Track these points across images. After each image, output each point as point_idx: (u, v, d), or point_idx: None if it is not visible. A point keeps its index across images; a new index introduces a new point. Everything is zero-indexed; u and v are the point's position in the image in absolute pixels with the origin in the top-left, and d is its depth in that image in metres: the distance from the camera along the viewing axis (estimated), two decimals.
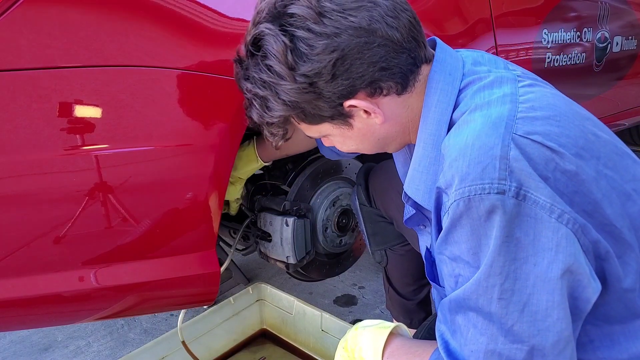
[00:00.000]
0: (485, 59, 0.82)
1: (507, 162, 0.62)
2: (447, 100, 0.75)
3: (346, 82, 0.71)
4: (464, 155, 0.65)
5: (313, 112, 0.74)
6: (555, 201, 0.62)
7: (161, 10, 0.89)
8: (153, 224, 0.95)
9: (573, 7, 1.82)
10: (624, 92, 2.20)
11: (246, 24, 0.96)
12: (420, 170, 0.78)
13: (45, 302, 0.92)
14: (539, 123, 0.67)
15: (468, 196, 0.63)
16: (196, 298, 1.13)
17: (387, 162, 1.26)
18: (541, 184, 0.62)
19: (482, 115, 0.68)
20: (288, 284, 1.96)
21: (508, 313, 0.64)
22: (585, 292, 0.65)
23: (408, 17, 0.73)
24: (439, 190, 0.69)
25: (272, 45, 0.69)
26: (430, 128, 0.76)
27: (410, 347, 0.80)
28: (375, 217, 1.25)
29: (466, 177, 0.63)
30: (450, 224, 0.66)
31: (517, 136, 0.64)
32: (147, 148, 0.90)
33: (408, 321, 1.37)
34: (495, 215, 0.62)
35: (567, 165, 0.65)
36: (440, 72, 0.76)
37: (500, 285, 0.63)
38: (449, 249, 0.68)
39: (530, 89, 0.73)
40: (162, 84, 0.90)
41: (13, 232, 0.85)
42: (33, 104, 0.81)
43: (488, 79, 0.75)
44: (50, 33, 0.81)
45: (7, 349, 1.68)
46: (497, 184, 0.62)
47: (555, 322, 0.63)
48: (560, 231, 0.62)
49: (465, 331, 0.68)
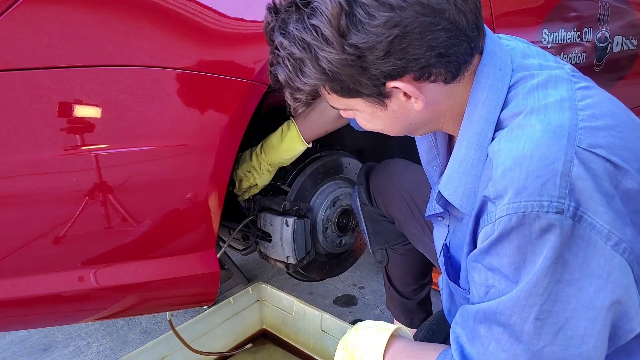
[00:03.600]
0: (533, 52, 0.76)
1: (568, 179, 0.58)
2: (497, 97, 0.70)
3: (399, 62, 0.63)
4: (521, 166, 0.60)
5: (351, 86, 0.67)
6: (614, 227, 0.59)
7: (161, 10, 0.89)
8: (153, 224, 0.94)
9: (573, 7, 1.82)
10: (625, 92, 2.20)
11: (246, 24, 0.97)
12: (461, 172, 0.73)
13: (45, 302, 0.92)
14: (602, 135, 0.62)
15: (523, 212, 0.59)
16: (196, 298, 1.13)
17: (389, 162, 1.26)
18: (602, 208, 0.59)
19: (540, 121, 0.63)
20: (288, 284, 1.95)
21: (541, 334, 0.62)
22: (630, 323, 0.62)
23: (474, 1, 0.66)
24: (486, 198, 0.64)
25: (325, 4, 0.61)
26: (476, 127, 0.70)
27: (412, 349, 0.79)
28: (376, 217, 1.25)
29: (522, 192, 0.59)
30: (497, 237, 0.62)
31: (581, 149, 0.60)
32: (147, 148, 0.90)
33: (408, 321, 1.37)
34: (550, 234, 0.59)
35: (629, 183, 0.61)
36: (490, 65, 0.70)
37: (539, 305, 0.61)
38: (487, 259, 0.65)
39: (588, 92, 0.68)
40: (162, 84, 0.90)
41: (13, 232, 0.85)
42: (33, 104, 0.81)
43: (541, 77, 0.69)
44: (50, 33, 0.81)
45: (7, 349, 1.68)
46: (556, 203, 0.58)
47: (589, 350, 0.61)
48: (615, 260, 0.60)
49: (487, 343, 0.66)
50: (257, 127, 1.36)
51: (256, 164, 1.22)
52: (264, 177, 1.23)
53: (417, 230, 1.19)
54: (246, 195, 1.29)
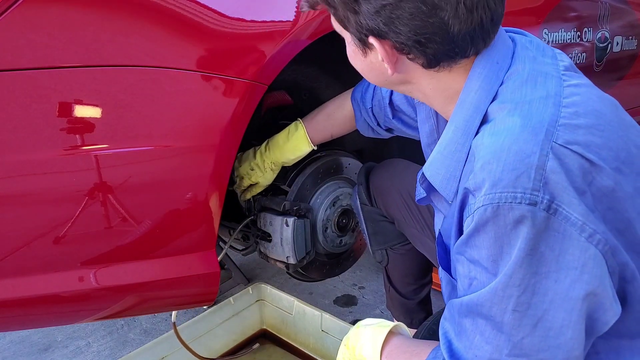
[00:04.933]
0: (534, 45, 0.77)
1: (543, 172, 0.60)
2: (489, 88, 0.71)
3: (383, 26, 0.68)
4: (499, 160, 0.62)
5: (343, 19, 0.73)
6: (587, 219, 0.60)
7: (161, 9, 0.89)
8: (153, 224, 0.94)
9: (573, 7, 1.82)
10: (625, 92, 2.20)
11: (246, 24, 0.97)
12: (445, 155, 0.74)
13: (45, 302, 0.92)
14: (581, 132, 0.63)
15: (497, 203, 0.60)
16: (196, 298, 1.13)
17: (389, 162, 1.26)
18: (575, 200, 0.60)
19: (522, 116, 0.65)
20: (288, 284, 1.95)
21: (520, 325, 0.63)
22: (605, 314, 0.63)
23: (485, 16, 0.67)
24: (467, 190, 0.66)
25: None
26: (465, 114, 0.72)
27: (408, 346, 0.80)
28: (376, 217, 1.25)
29: (498, 183, 0.61)
30: (474, 228, 0.64)
31: (557, 145, 0.61)
32: (147, 148, 0.90)
33: (408, 321, 1.37)
34: (522, 226, 0.60)
35: (604, 180, 0.62)
36: (488, 58, 0.72)
37: (517, 297, 0.62)
38: (468, 251, 0.67)
39: (576, 90, 0.69)
40: (162, 84, 0.89)
41: (13, 232, 0.85)
42: (33, 104, 0.81)
43: (532, 73, 0.71)
44: (50, 33, 0.81)
45: (7, 349, 1.68)
46: (529, 195, 0.59)
47: (567, 341, 0.62)
48: (589, 251, 0.61)
49: (472, 336, 0.67)
50: (257, 128, 1.36)
51: (260, 161, 1.22)
52: (267, 175, 1.23)
53: (416, 230, 1.19)
54: (248, 195, 1.29)
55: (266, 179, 1.24)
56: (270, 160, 1.21)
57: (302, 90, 1.46)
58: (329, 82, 1.48)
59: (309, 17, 1.02)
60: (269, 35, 0.98)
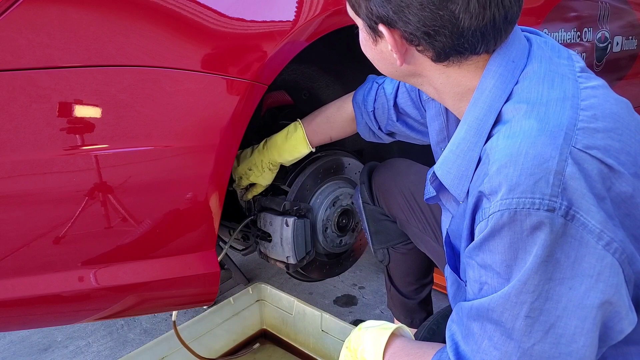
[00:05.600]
0: (549, 46, 0.76)
1: (561, 178, 0.59)
2: (504, 87, 0.69)
3: (393, 14, 0.67)
4: (515, 163, 0.60)
5: (354, 2, 0.73)
6: (606, 227, 0.59)
7: (161, 9, 0.89)
8: (153, 224, 0.94)
9: (573, 7, 1.82)
10: (625, 92, 2.20)
11: (246, 24, 0.97)
12: (457, 153, 0.73)
13: (45, 302, 0.92)
14: (600, 136, 0.62)
15: (515, 208, 0.59)
16: (196, 298, 1.13)
17: (391, 161, 1.26)
18: (594, 207, 0.59)
19: (539, 119, 0.63)
20: (288, 284, 1.96)
21: (532, 332, 0.62)
22: (620, 323, 0.63)
23: (498, 13, 0.66)
24: (481, 194, 0.65)
25: None
26: (479, 112, 0.70)
27: (411, 348, 0.80)
28: (378, 216, 1.25)
29: (515, 188, 0.59)
30: (489, 233, 0.63)
31: (576, 150, 0.60)
32: (147, 148, 0.90)
33: (409, 320, 1.37)
34: (540, 232, 0.59)
35: (623, 186, 0.62)
36: (503, 56, 0.70)
37: (530, 303, 0.61)
38: (480, 255, 0.66)
39: (594, 92, 0.68)
40: (162, 84, 0.89)
41: (13, 232, 0.85)
42: (33, 104, 0.81)
43: (548, 73, 0.69)
44: (50, 33, 0.81)
45: (7, 349, 1.68)
46: (547, 201, 0.58)
47: (579, 349, 0.61)
48: (606, 260, 0.60)
49: (480, 340, 0.67)
50: (257, 128, 1.36)
51: (257, 160, 1.22)
52: (265, 175, 1.23)
53: (418, 229, 1.19)
54: (249, 195, 1.29)
55: (265, 179, 1.24)
56: (268, 160, 1.21)
57: (302, 90, 1.46)
58: (329, 82, 1.48)
59: (309, 17, 1.02)
60: (269, 35, 0.98)
